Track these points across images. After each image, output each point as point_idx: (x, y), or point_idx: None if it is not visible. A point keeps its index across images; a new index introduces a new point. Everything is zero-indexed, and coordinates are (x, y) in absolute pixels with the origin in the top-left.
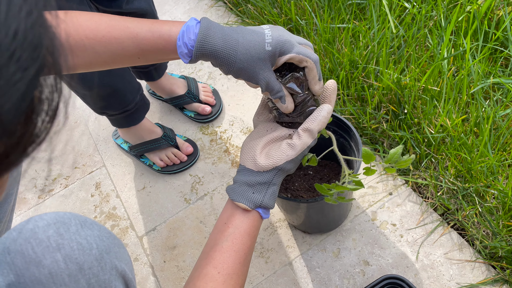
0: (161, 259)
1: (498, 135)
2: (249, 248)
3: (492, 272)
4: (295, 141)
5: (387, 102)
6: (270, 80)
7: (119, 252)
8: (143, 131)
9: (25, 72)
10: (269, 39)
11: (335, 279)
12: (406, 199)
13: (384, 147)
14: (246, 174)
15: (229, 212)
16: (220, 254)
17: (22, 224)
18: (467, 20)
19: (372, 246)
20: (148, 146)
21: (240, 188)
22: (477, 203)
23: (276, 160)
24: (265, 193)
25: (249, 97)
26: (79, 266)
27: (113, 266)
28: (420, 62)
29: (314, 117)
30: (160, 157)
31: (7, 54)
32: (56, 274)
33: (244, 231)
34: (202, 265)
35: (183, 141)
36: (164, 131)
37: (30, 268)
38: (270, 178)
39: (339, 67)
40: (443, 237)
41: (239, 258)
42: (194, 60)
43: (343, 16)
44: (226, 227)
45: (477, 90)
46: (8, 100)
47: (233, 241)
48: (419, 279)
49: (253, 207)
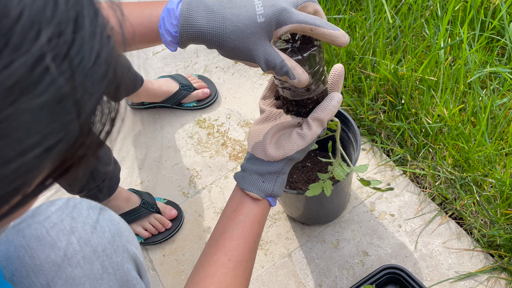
0: (160, 253)
1: (495, 124)
2: (258, 235)
3: (490, 260)
4: (305, 131)
5: (384, 93)
6: (269, 56)
7: (129, 236)
8: (119, 201)
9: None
10: (261, 10)
11: (334, 270)
12: (404, 189)
13: (382, 138)
14: (255, 163)
15: (239, 199)
16: (230, 242)
17: (34, 209)
18: (464, 9)
19: (371, 236)
20: (128, 218)
21: (250, 177)
22: (475, 192)
23: (287, 151)
24: (275, 182)
25: (246, 90)
26: (93, 248)
27: (125, 249)
28: (417, 52)
29: (324, 106)
30: (143, 226)
31: None
32: (71, 256)
33: (254, 219)
34: (212, 252)
35: (164, 204)
36: (141, 197)
37: (45, 250)
38: (280, 167)
39: (336, 58)
40: (441, 226)
41: (248, 245)
42: (182, 46)
43: (339, 7)
44: (236, 215)
45: (474, 80)
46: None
47: (243, 229)
48: (418, 269)
49: (264, 196)
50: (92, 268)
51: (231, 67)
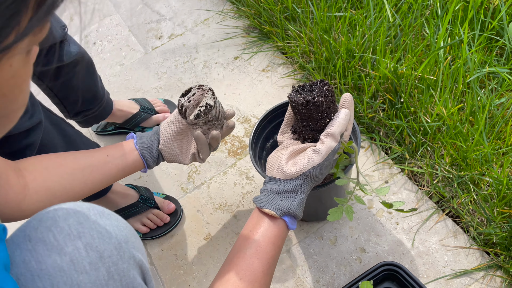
0: (159, 248)
1: (493, 124)
2: (272, 258)
3: (486, 258)
4: (319, 146)
5: (384, 91)
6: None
7: (135, 242)
8: (117, 196)
9: None
10: None
11: (332, 266)
12: (402, 187)
13: (380, 136)
14: (273, 183)
15: (255, 220)
16: (243, 261)
17: (42, 213)
18: (464, 9)
19: (369, 233)
20: (126, 213)
21: (267, 196)
22: (472, 191)
23: (302, 166)
24: (293, 200)
25: (245, 86)
26: (100, 254)
27: (131, 255)
28: (417, 51)
29: (333, 122)
30: (142, 222)
31: None
32: (77, 262)
33: (269, 240)
34: (225, 271)
35: (162, 199)
36: (139, 192)
37: (52, 255)
38: (297, 185)
39: (336, 56)
40: (438, 224)
41: (262, 266)
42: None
43: (339, 5)
44: (251, 234)
45: (473, 79)
46: None
47: (257, 249)
48: (414, 266)
49: (281, 214)
50: (98, 275)
51: (230, 63)
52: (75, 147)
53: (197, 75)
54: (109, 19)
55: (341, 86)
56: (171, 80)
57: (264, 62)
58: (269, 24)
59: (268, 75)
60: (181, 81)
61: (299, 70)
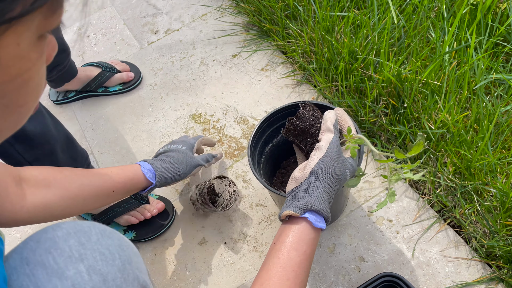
0: (152, 252)
1: (498, 132)
2: (297, 265)
3: (487, 270)
4: (318, 143)
5: (387, 95)
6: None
7: (138, 262)
8: None
9: None
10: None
11: (330, 275)
12: (402, 194)
13: (382, 141)
14: (290, 193)
15: (279, 233)
16: (266, 272)
17: (39, 234)
18: (470, 12)
19: (368, 242)
20: (117, 210)
21: (286, 204)
22: (475, 201)
23: (309, 165)
24: (310, 196)
25: (244, 86)
26: (103, 278)
27: (135, 277)
28: (422, 55)
29: (322, 121)
30: (131, 215)
31: None
32: (79, 286)
33: (290, 246)
34: (252, 285)
35: (152, 198)
36: None
37: (52, 280)
38: (311, 182)
39: (338, 58)
40: (439, 234)
41: (286, 274)
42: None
43: (343, 4)
44: (273, 246)
45: (479, 86)
46: None
47: (279, 257)
48: (414, 276)
49: (300, 211)
50: None
51: (228, 61)
52: None
53: (194, 73)
54: (104, 11)
55: (343, 89)
56: (167, 77)
57: (263, 61)
58: (269, 21)
59: (267, 75)
60: (177, 78)
61: (299, 70)
